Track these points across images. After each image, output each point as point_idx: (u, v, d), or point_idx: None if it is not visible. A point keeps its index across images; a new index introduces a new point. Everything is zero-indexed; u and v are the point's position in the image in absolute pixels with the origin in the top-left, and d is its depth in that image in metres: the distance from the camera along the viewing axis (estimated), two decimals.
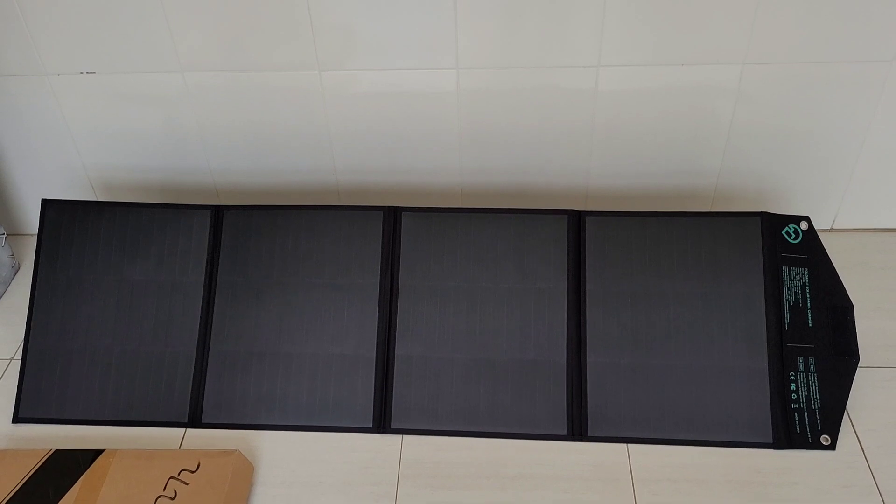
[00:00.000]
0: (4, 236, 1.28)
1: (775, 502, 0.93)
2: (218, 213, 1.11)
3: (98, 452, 0.96)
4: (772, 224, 1.06)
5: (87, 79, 1.18)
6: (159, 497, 0.91)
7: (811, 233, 1.06)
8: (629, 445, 1.00)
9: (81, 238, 1.12)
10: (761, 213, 1.06)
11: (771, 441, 0.99)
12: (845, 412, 1.01)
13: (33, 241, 1.34)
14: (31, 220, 1.38)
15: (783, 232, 1.06)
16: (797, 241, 1.05)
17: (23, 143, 1.27)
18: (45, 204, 1.12)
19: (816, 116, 1.16)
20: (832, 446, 0.98)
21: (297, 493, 0.97)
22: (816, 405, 1.00)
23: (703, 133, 1.18)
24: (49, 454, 0.96)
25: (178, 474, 0.93)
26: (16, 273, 1.32)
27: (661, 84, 1.13)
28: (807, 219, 1.06)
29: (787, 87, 1.13)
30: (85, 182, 1.31)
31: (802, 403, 1.00)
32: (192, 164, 1.27)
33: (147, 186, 1.31)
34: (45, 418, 1.07)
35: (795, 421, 0.99)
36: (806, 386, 1.00)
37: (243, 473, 0.96)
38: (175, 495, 0.91)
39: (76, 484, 0.93)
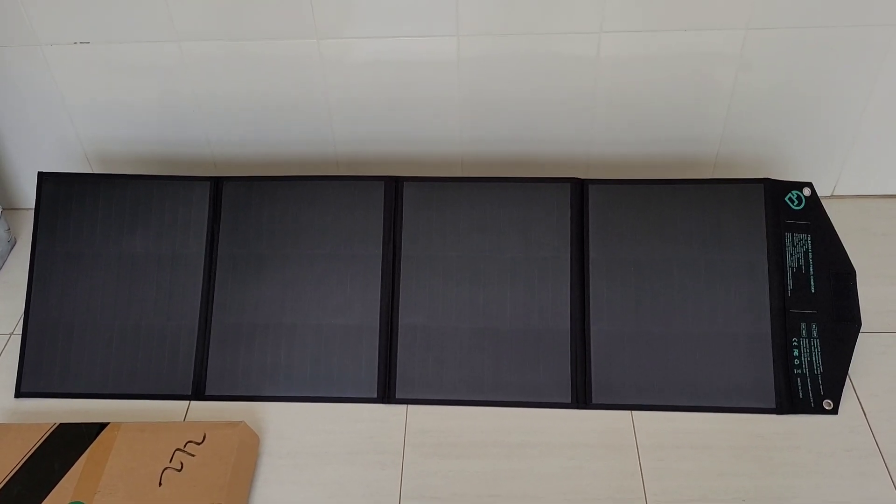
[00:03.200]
0: (0, 210, 1.27)
1: (779, 466, 0.94)
2: (217, 185, 1.10)
3: (103, 426, 0.96)
4: (775, 190, 1.05)
5: (81, 49, 1.15)
6: (166, 469, 0.91)
7: (814, 199, 1.05)
8: (633, 412, 1.01)
9: (79, 211, 1.10)
10: (764, 179, 1.05)
11: (774, 406, 0.99)
12: (847, 377, 1.01)
13: (29, 216, 1.33)
14: (26, 193, 1.37)
15: (786, 198, 1.05)
16: (800, 207, 1.05)
17: (16, 116, 1.25)
18: (42, 177, 1.11)
19: (819, 82, 1.15)
20: (835, 411, 0.99)
21: (304, 462, 0.97)
22: (819, 370, 1.00)
23: (705, 99, 1.17)
24: (53, 428, 0.96)
25: (184, 446, 0.93)
26: (12, 248, 1.31)
27: (663, 50, 1.12)
28: (810, 185, 1.06)
29: (790, 53, 1.12)
30: (80, 155, 1.30)
31: (805, 369, 1.00)
32: (189, 136, 1.26)
33: (144, 159, 1.29)
34: (47, 392, 1.07)
35: (798, 386, 1.00)
36: (808, 351, 1.01)
37: (249, 444, 0.97)
38: (182, 467, 0.91)
39: (82, 457, 0.93)
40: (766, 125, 1.20)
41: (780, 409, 0.99)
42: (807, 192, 1.05)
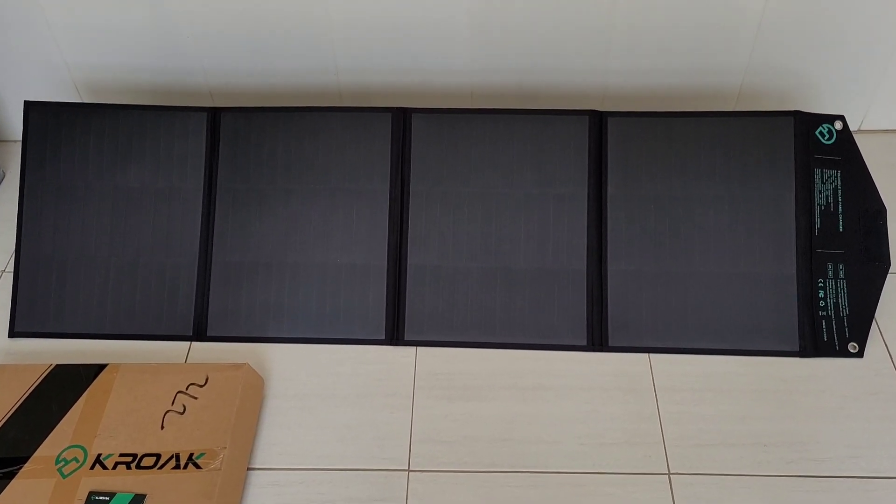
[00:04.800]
0: None
1: (801, 410, 0.91)
2: (215, 116, 1.04)
3: (101, 367, 0.92)
4: (805, 124, 1.00)
5: None
6: (168, 412, 0.88)
7: (846, 133, 1.00)
8: (651, 355, 0.98)
9: (69, 143, 1.04)
10: (795, 112, 1.00)
11: (797, 349, 0.96)
12: (874, 319, 0.98)
13: (16, 148, 1.27)
14: (13, 125, 1.30)
15: (816, 132, 1.00)
16: (831, 141, 1.00)
17: None
18: (28, 106, 1.05)
19: (849, 10, 1.08)
20: (860, 354, 0.96)
21: (311, 405, 0.94)
22: (845, 312, 0.97)
23: (730, 27, 1.10)
24: (50, 369, 0.93)
25: (187, 388, 0.90)
26: (1, 181, 1.25)
27: None
28: (842, 118, 1.00)
29: None
30: (69, 83, 1.23)
31: (830, 311, 0.97)
32: (183, 64, 1.19)
33: (136, 88, 1.23)
34: (42, 332, 1.03)
35: (823, 329, 0.96)
36: (834, 293, 0.97)
37: (254, 387, 0.93)
38: (184, 410, 0.88)
39: (80, 399, 0.89)
40: (793, 54, 1.14)
41: (804, 353, 0.96)
42: (838, 125, 1.00)
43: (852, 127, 1.22)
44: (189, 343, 1.02)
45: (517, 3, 1.09)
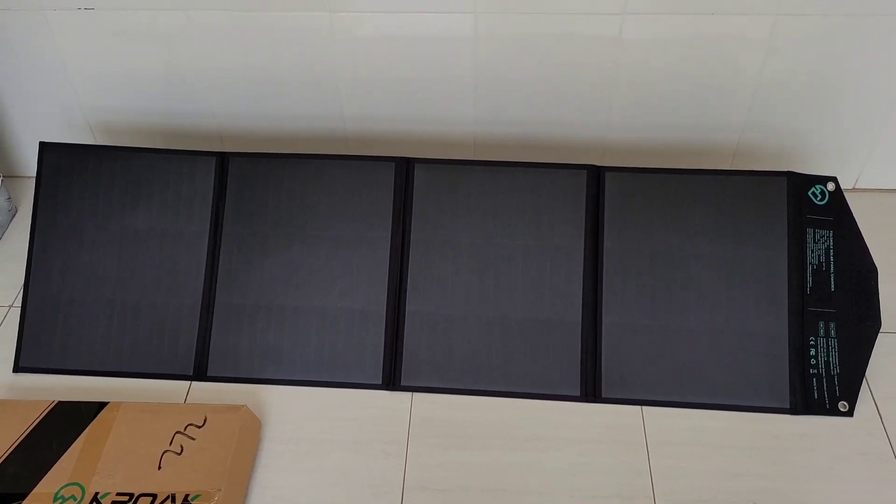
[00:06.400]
0: (1, 179, 1.24)
1: (792, 468, 0.92)
2: (223, 161, 1.07)
3: (102, 405, 0.94)
4: (798, 184, 1.02)
5: (85, 14, 1.11)
6: (165, 452, 0.89)
7: (838, 194, 1.02)
8: (644, 408, 0.99)
9: (81, 183, 1.07)
10: (787, 172, 1.02)
11: (788, 406, 0.97)
12: (864, 379, 0.99)
13: (30, 184, 1.30)
14: (28, 161, 1.33)
15: (809, 192, 1.02)
16: (823, 202, 1.02)
17: (18, 82, 1.22)
18: (44, 147, 1.08)
19: (847, 72, 1.11)
20: (850, 413, 0.97)
21: (306, 449, 0.96)
22: (835, 371, 0.98)
23: (729, 86, 1.13)
24: (52, 405, 0.94)
25: (185, 429, 0.91)
26: (13, 217, 1.28)
27: (688, 34, 1.07)
28: (834, 179, 1.02)
29: (818, 41, 1.08)
30: (83, 124, 1.26)
31: (821, 369, 0.98)
32: (194, 108, 1.22)
33: (148, 131, 1.26)
34: (46, 368, 1.05)
35: (814, 386, 0.97)
36: (826, 351, 0.98)
37: (251, 429, 0.95)
38: (182, 450, 0.89)
39: (80, 437, 0.91)
40: (789, 114, 1.17)
41: (795, 410, 0.97)
42: (831, 186, 1.02)
43: (847, 186, 1.24)
44: (189, 383, 1.03)
45: (521, 60, 1.12)
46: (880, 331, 0.99)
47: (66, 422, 0.92)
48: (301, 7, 1.08)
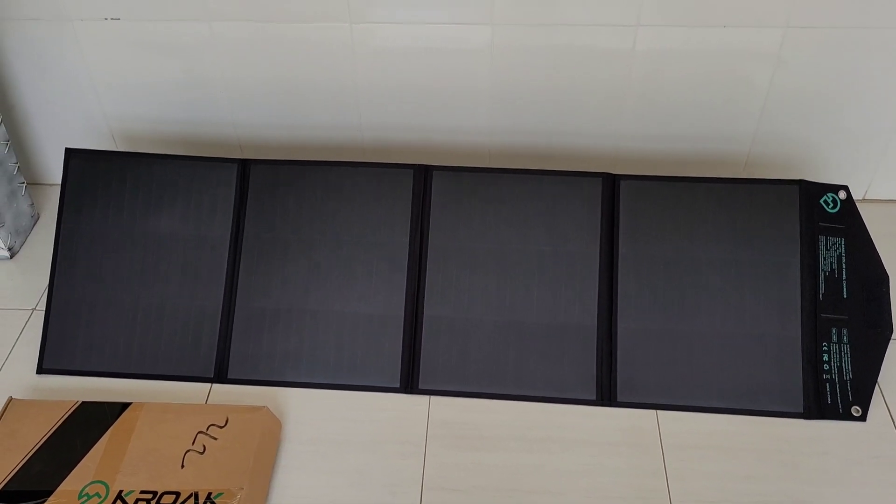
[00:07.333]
0: (25, 185, 1.26)
1: (805, 472, 0.93)
2: (245, 167, 1.09)
3: (125, 405, 0.95)
4: (810, 192, 1.04)
5: (111, 25, 1.14)
6: (188, 451, 0.90)
7: (849, 202, 1.04)
8: (658, 412, 1.00)
9: (105, 189, 1.10)
10: (800, 181, 1.04)
11: (801, 411, 0.98)
12: (877, 384, 1.00)
13: (51, 191, 1.33)
14: (50, 169, 1.36)
15: (821, 201, 1.04)
16: (835, 210, 1.04)
17: (43, 91, 1.24)
18: (70, 153, 1.10)
19: (857, 83, 1.13)
20: (863, 418, 0.98)
21: (325, 450, 0.97)
22: (848, 376, 0.99)
23: (739, 97, 1.16)
24: (76, 406, 0.96)
25: (207, 429, 0.93)
26: (35, 223, 1.30)
27: (700, 46, 1.10)
28: (845, 188, 1.04)
29: (828, 53, 1.10)
30: (105, 132, 1.29)
31: (834, 374, 0.99)
32: (215, 117, 1.25)
33: (169, 139, 1.29)
34: (69, 370, 1.06)
35: (827, 391, 0.99)
36: (838, 357, 0.99)
37: (272, 430, 0.96)
38: (204, 450, 0.91)
39: (104, 436, 0.92)
40: (799, 125, 1.19)
41: (808, 414, 0.98)
42: (842, 195, 1.04)
43: (857, 196, 1.26)
44: (210, 385, 1.05)
45: (535, 71, 1.14)
46: (892, 337, 1.01)
47: (90, 421, 0.94)
48: (322, 18, 1.11)
